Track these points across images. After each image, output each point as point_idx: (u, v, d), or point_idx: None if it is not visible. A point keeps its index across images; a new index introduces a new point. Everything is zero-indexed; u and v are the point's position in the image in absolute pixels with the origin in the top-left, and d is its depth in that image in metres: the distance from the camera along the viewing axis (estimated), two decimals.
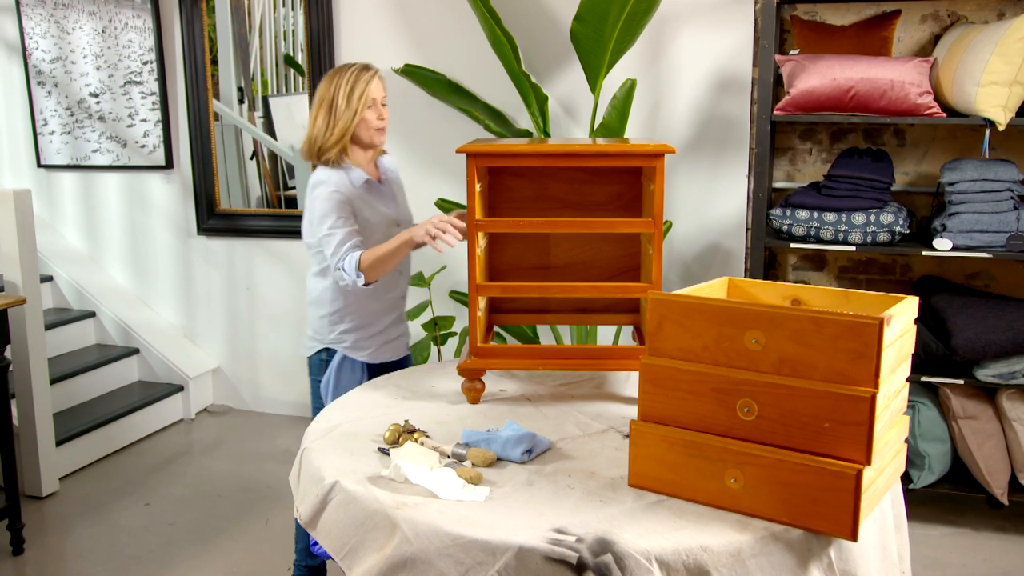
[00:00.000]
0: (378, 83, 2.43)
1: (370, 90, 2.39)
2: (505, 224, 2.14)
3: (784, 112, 3.10)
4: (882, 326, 1.33)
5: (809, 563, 1.39)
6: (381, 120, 2.44)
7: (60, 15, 4.50)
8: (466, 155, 1.95)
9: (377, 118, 2.43)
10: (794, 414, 1.40)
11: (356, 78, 2.39)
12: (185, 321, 4.66)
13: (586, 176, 2.32)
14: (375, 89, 2.41)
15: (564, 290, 2.11)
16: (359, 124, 2.41)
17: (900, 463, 1.62)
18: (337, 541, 1.55)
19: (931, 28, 3.30)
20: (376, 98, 2.42)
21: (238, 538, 3.19)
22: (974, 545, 3.05)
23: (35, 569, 3.01)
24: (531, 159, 2.07)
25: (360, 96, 2.38)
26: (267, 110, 4.44)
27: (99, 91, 4.51)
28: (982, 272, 3.39)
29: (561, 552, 1.32)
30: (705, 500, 1.48)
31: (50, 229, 4.78)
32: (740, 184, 3.60)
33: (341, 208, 2.34)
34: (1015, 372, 2.98)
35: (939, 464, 3.15)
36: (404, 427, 1.80)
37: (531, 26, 3.73)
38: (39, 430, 3.49)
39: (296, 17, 4.20)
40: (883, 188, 3.08)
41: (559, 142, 2.08)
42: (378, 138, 2.46)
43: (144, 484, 3.67)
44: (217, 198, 4.42)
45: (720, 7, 3.50)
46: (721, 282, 1.78)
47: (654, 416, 1.53)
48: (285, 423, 4.39)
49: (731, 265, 3.66)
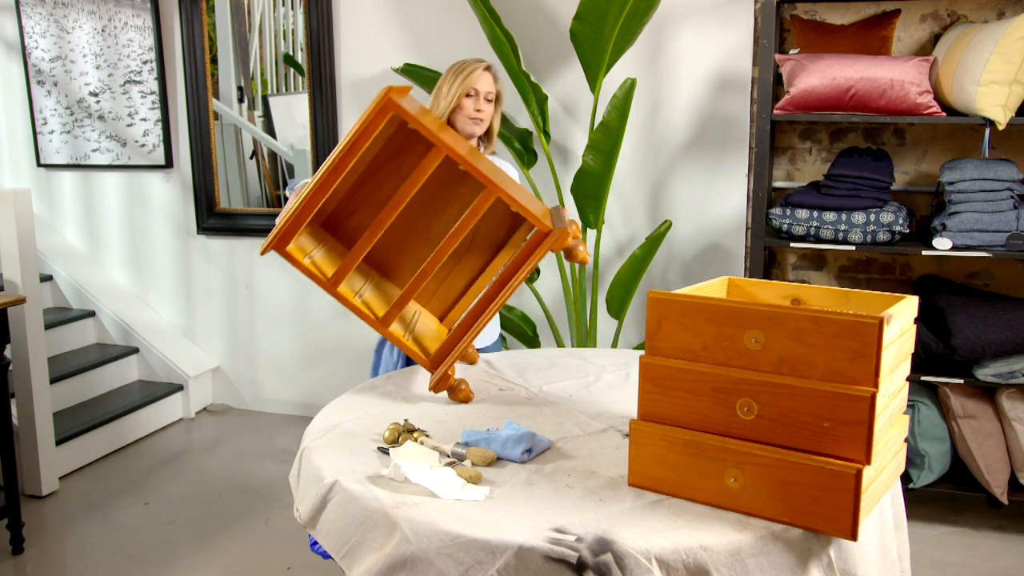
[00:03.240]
0: (485, 76, 2.51)
1: (472, 79, 2.49)
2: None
3: (784, 111, 3.10)
4: (882, 325, 1.33)
5: (809, 562, 1.39)
6: (478, 111, 2.50)
7: (60, 14, 4.50)
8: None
9: (475, 108, 2.50)
10: (794, 413, 1.40)
11: (463, 66, 2.51)
12: (185, 320, 4.66)
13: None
14: (479, 80, 2.50)
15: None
16: (455, 111, 2.51)
17: (900, 462, 1.62)
18: (337, 540, 1.55)
19: (931, 27, 3.30)
20: (479, 89, 2.49)
21: (238, 537, 3.19)
22: (974, 544, 3.05)
23: (35, 568, 3.01)
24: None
25: (461, 83, 2.49)
26: (267, 109, 4.44)
27: (99, 90, 4.51)
28: (982, 271, 3.39)
29: (561, 551, 1.32)
30: (705, 499, 1.48)
31: (50, 228, 4.78)
32: (740, 183, 3.60)
33: None
34: (1015, 371, 2.98)
35: (939, 463, 3.15)
36: (404, 426, 1.80)
37: (531, 25, 3.73)
38: (39, 429, 3.49)
39: (296, 16, 4.20)
40: (883, 187, 3.08)
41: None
42: (472, 128, 2.52)
43: (144, 483, 3.67)
44: (217, 197, 4.42)
45: (720, 6, 3.50)
46: (721, 281, 1.78)
47: (654, 415, 1.53)
48: (285, 422, 4.39)
49: (731, 264, 3.66)
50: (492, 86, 2.53)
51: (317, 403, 4.07)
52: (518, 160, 3.55)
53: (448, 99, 2.50)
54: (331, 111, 4.11)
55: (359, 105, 4.10)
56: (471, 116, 2.51)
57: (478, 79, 2.50)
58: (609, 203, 3.68)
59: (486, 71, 2.52)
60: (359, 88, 4.09)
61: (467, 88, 2.49)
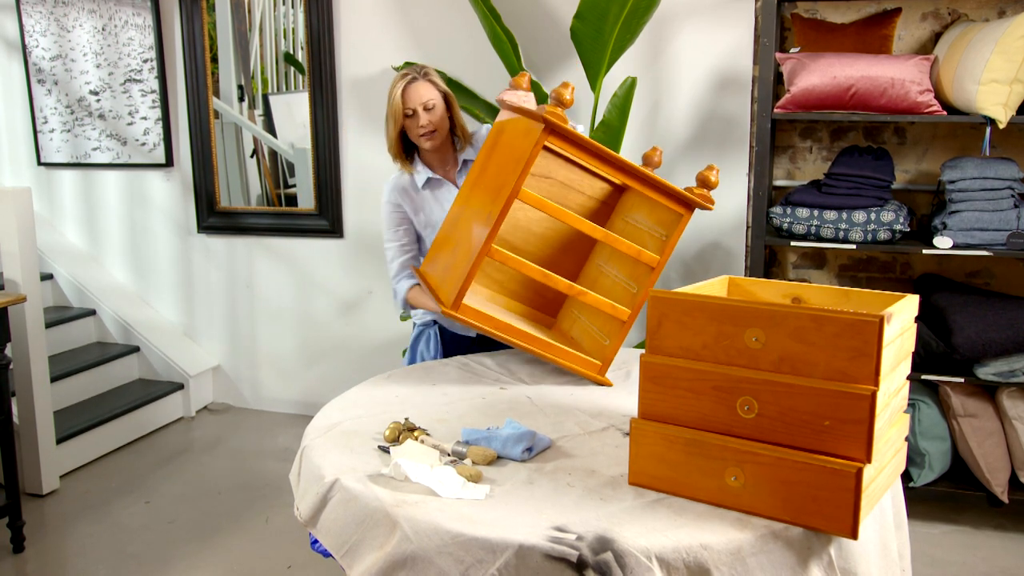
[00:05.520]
0: (412, 91, 2.42)
1: (400, 103, 2.41)
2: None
3: (784, 110, 3.10)
4: (882, 324, 1.33)
5: (809, 561, 1.39)
6: (420, 127, 2.44)
7: (60, 13, 4.49)
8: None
9: (419, 126, 2.44)
10: (794, 412, 1.40)
11: (391, 90, 2.44)
12: (185, 319, 4.66)
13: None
14: (408, 100, 2.42)
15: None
16: (407, 131, 2.47)
17: (900, 461, 1.62)
18: (337, 539, 1.55)
19: (931, 26, 3.30)
20: (413, 107, 2.42)
21: (238, 536, 3.19)
22: (974, 543, 3.05)
23: (35, 567, 3.01)
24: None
25: (393, 108, 2.43)
26: (267, 108, 4.44)
27: (99, 89, 4.51)
28: (982, 270, 3.39)
29: (561, 550, 1.32)
30: (705, 498, 1.48)
31: (50, 227, 4.78)
32: (740, 182, 3.60)
33: (391, 219, 2.54)
34: (1015, 370, 2.98)
35: (939, 462, 3.15)
36: (404, 425, 1.80)
37: (531, 24, 3.73)
38: (39, 428, 3.49)
39: (296, 15, 4.20)
40: (883, 186, 3.07)
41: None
42: (427, 143, 2.47)
43: (144, 482, 3.68)
44: (217, 196, 4.42)
45: (720, 5, 3.50)
46: (721, 280, 1.78)
47: (654, 414, 1.53)
48: (285, 421, 4.39)
49: (731, 263, 3.66)
50: (426, 93, 2.42)
51: (317, 402, 4.07)
52: None
53: (392, 126, 2.45)
54: (331, 110, 4.11)
55: (359, 104, 4.10)
56: (420, 134, 2.44)
57: (407, 97, 2.41)
58: None
59: (411, 83, 2.42)
60: (360, 87, 4.09)
61: (400, 111, 2.42)
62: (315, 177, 4.21)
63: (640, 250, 2.08)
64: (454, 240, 2.22)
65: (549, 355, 2.11)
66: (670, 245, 2.09)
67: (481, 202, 2.13)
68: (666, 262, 2.11)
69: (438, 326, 2.65)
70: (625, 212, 2.36)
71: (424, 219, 2.55)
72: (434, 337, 2.64)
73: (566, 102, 1.93)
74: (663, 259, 2.09)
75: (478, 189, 2.21)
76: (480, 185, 2.21)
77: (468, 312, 2.03)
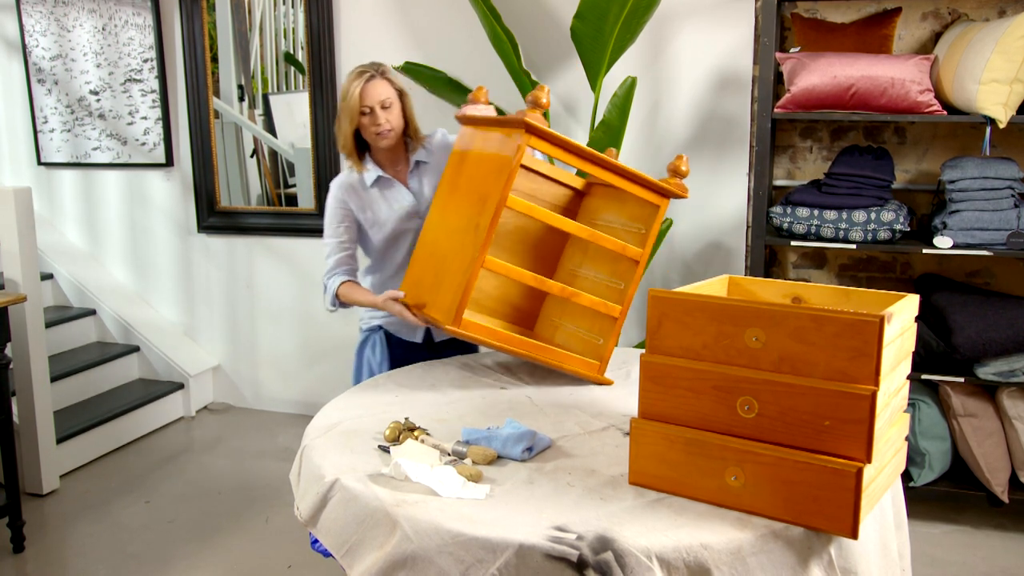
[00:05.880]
0: (371, 88, 2.40)
1: (357, 99, 2.38)
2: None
3: (784, 110, 3.10)
4: (882, 324, 1.33)
5: (809, 561, 1.39)
6: (377, 125, 2.42)
7: (60, 12, 4.49)
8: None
9: (374, 124, 2.42)
10: (794, 412, 1.40)
11: (348, 87, 2.41)
12: (185, 319, 4.66)
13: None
14: (366, 96, 2.39)
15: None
16: (361, 129, 2.44)
17: (900, 461, 1.62)
18: (337, 539, 1.55)
19: (932, 26, 3.30)
20: (370, 105, 2.40)
21: (238, 536, 3.19)
22: (974, 543, 3.05)
23: (35, 566, 3.01)
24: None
25: (349, 105, 2.40)
26: (267, 108, 4.44)
27: (99, 89, 4.51)
28: (982, 270, 3.39)
29: (561, 550, 1.32)
30: (705, 498, 1.48)
31: (50, 227, 4.78)
32: (740, 182, 3.60)
33: (335, 215, 2.52)
34: (1015, 370, 2.98)
35: (939, 462, 3.15)
36: (404, 425, 1.80)
37: (531, 24, 3.73)
38: (39, 428, 3.49)
39: (296, 14, 4.19)
40: (883, 186, 3.07)
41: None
42: (382, 141, 2.45)
43: (144, 482, 3.68)
44: (217, 196, 4.42)
45: (720, 5, 3.50)
46: (721, 280, 1.78)
47: (654, 414, 1.53)
48: (285, 421, 4.39)
49: (731, 263, 3.66)
50: (384, 91, 2.40)
51: (318, 401, 4.06)
52: None
53: (347, 123, 2.42)
54: (332, 109, 4.11)
55: None
56: (375, 132, 2.42)
57: (364, 94, 2.38)
58: None
59: (369, 81, 2.39)
60: None
61: (357, 108, 2.39)
62: (315, 177, 4.21)
63: (624, 245, 2.10)
64: (438, 257, 2.20)
65: (553, 361, 2.12)
66: (651, 238, 2.11)
67: (462, 216, 2.12)
68: (648, 255, 2.12)
69: (383, 331, 2.62)
70: (591, 215, 2.37)
71: (371, 217, 2.52)
72: (380, 342, 2.61)
73: (543, 104, 1.96)
74: (646, 252, 2.11)
75: (454, 205, 2.20)
76: (456, 201, 2.20)
77: (470, 327, 2.03)
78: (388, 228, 2.52)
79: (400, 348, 2.63)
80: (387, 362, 2.60)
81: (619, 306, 2.12)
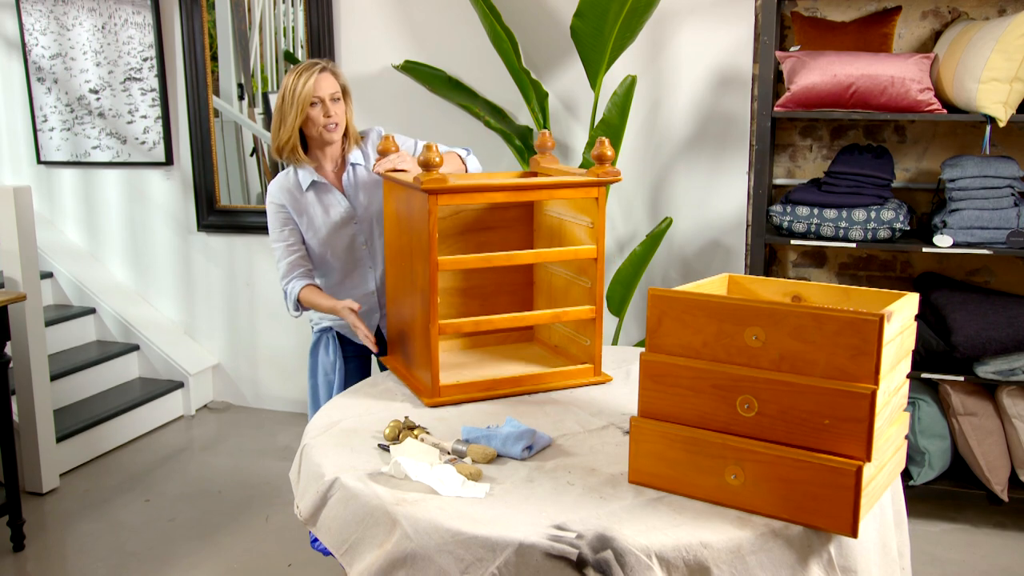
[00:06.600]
0: (324, 78, 2.40)
1: (309, 88, 2.37)
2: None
3: (784, 108, 3.10)
4: (882, 323, 1.33)
5: (809, 559, 1.39)
6: (327, 117, 2.41)
7: (60, 11, 4.49)
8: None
9: (323, 115, 2.40)
10: (794, 410, 1.40)
11: (298, 77, 2.39)
12: (185, 318, 4.66)
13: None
14: (319, 87, 2.39)
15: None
16: (307, 123, 2.42)
17: (900, 460, 1.62)
18: (337, 537, 1.55)
19: (932, 24, 3.30)
20: (321, 96, 2.39)
21: (238, 535, 3.19)
22: (974, 541, 3.06)
23: (35, 565, 3.01)
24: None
25: (300, 95, 2.37)
26: (267, 106, 4.44)
27: (99, 87, 4.50)
28: (982, 269, 3.39)
29: (561, 548, 1.33)
30: (705, 496, 1.48)
31: (50, 225, 4.78)
32: (740, 181, 3.60)
33: (276, 219, 2.50)
34: (1015, 369, 2.98)
35: (939, 461, 3.15)
36: (404, 423, 1.80)
37: (531, 22, 3.73)
38: (39, 426, 3.49)
39: (296, 13, 4.19)
40: (883, 185, 3.07)
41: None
42: (330, 135, 2.44)
43: (144, 481, 3.68)
44: (217, 194, 4.42)
45: (721, 3, 3.50)
46: (721, 278, 1.77)
47: (654, 412, 1.53)
48: (285, 420, 4.39)
49: (731, 262, 3.66)
50: (334, 85, 2.41)
51: None
52: (518, 157, 3.55)
53: (293, 115, 2.39)
54: None
55: (359, 103, 4.09)
56: (324, 124, 2.41)
57: (317, 85, 2.37)
58: (610, 200, 3.68)
59: (322, 72, 2.39)
60: (359, 85, 4.09)
61: (309, 98, 2.37)
62: None
63: (575, 251, 2.09)
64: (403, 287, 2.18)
65: (544, 387, 2.11)
66: (599, 230, 2.08)
67: (408, 262, 2.11)
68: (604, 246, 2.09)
69: (335, 331, 2.61)
70: (546, 206, 2.35)
71: (307, 222, 2.50)
72: (333, 342, 2.60)
73: (436, 164, 1.91)
74: (600, 247, 2.08)
75: (398, 243, 2.19)
76: (398, 240, 2.19)
77: (450, 392, 2.02)
78: (323, 233, 2.49)
79: (352, 348, 2.63)
80: (340, 361, 2.59)
81: (592, 306, 2.11)
